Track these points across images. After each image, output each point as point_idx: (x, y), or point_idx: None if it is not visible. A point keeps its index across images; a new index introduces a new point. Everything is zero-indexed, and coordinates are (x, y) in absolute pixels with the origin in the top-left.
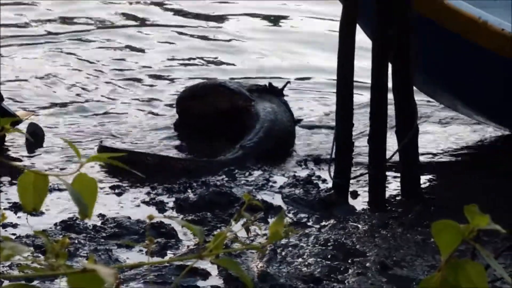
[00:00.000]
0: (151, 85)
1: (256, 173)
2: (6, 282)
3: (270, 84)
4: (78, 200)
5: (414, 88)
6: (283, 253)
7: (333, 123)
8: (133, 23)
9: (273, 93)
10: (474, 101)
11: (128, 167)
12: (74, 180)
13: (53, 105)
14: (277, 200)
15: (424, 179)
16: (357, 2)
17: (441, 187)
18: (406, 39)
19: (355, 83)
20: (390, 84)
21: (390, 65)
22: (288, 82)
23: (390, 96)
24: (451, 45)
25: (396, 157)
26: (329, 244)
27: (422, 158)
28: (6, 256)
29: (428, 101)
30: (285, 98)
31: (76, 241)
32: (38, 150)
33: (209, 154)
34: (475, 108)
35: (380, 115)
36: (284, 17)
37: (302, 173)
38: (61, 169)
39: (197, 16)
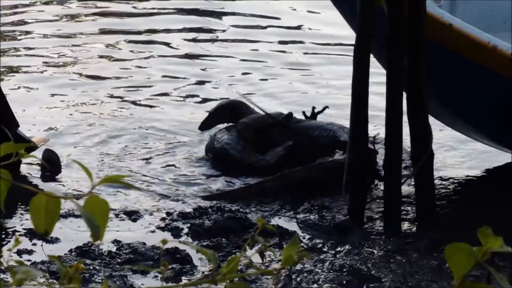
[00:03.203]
0: (179, 102)
1: (271, 198)
2: None
3: (303, 112)
4: (90, 221)
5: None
6: (298, 279)
7: None
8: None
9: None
10: (485, 127)
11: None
12: (86, 202)
13: (72, 128)
14: (292, 226)
15: (439, 203)
16: (371, 30)
17: (456, 211)
18: (419, 66)
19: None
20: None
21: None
22: (326, 107)
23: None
24: (461, 70)
25: (412, 182)
26: (344, 269)
27: (437, 182)
28: (19, 280)
29: (443, 127)
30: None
31: (91, 267)
32: (53, 176)
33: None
34: (486, 133)
35: (395, 140)
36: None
37: (317, 198)
38: (77, 194)
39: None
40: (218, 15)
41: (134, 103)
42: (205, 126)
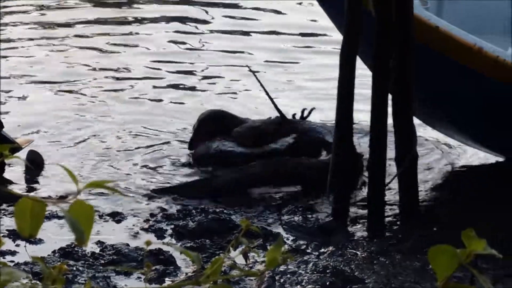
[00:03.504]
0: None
1: (255, 199)
2: None
3: (293, 115)
4: (74, 226)
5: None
6: (282, 280)
7: None
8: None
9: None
10: (471, 128)
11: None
12: (71, 207)
13: (55, 127)
14: (276, 227)
15: (423, 205)
16: (358, 33)
17: (440, 212)
18: (407, 65)
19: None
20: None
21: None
22: (313, 108)
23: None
24: (447, 71)
25: (395, 183)
26: (327, 271)
27: (421, 183)
28: (3, 281)
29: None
30: None
31: (75, 268)
32: (38, 177)
33: None
34: (471, 135)
35: (380, 141)
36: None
37: (301, 199)
38: (61, 196)
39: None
40: (207, 6)
41: (117, 99)
42: (194, 143)
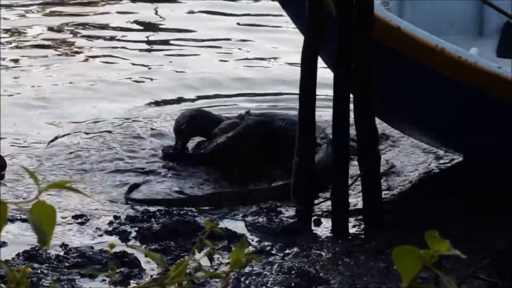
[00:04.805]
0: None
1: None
2: None
3: None
4: (36, 227)
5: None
6: (247, 282)
7: None
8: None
9: None
10: (431, 127)
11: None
12: (32, 207)
13: (18, 128)
14: (240, 229)
15: (386, 206)
16: (321, 34)
17: (404, 213)
18: (367, 67)
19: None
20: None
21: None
22: None
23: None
24: (409, 72)
25: (359, 183)
26: (292, 272)
27: (385, 184)
28: None
29: (392, 129)
30: None
31: (39, 271)
32: (0, 179)
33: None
34: (431, 134)
35: (342, 142)
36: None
37: (265, 201)
38: (24, 198)
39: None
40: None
41: (82, 96)
42: (182, 145)
